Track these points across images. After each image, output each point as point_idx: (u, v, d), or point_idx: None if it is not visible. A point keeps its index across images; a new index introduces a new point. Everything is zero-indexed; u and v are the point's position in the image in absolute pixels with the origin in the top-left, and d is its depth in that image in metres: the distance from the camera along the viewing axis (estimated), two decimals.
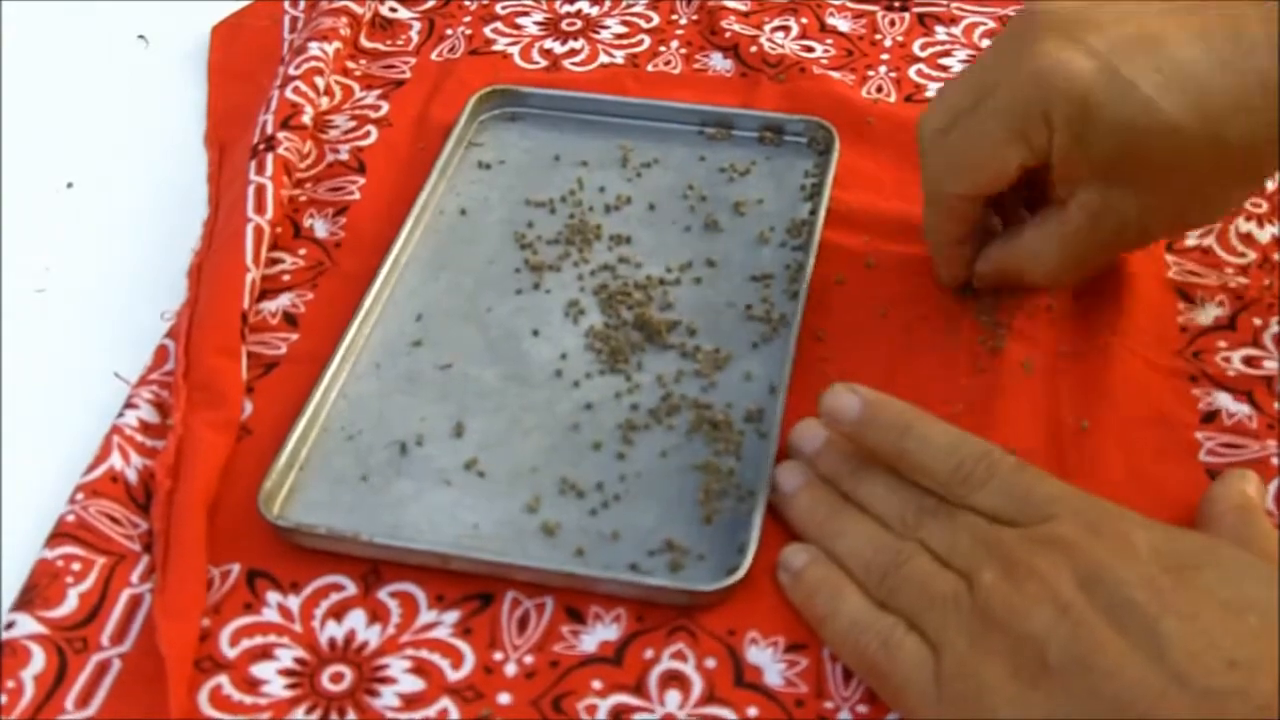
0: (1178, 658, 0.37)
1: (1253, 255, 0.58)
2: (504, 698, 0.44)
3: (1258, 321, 0.55)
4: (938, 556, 0.44)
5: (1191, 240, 0.58)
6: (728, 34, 0.69)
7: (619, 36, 0.71)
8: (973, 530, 0.43)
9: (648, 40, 0.71)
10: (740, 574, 0.46)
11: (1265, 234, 0.58)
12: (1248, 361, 0.54)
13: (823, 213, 0.59)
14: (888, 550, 0.45)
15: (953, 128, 0.50)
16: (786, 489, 0.48)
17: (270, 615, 0.47)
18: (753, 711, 0.44)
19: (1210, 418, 0.52)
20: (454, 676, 0.45)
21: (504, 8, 0.73)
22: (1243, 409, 0.52)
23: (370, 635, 0.46)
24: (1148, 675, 0.37)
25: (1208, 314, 0.55)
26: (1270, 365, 0.53)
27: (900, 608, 0.43)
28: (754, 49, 0.68)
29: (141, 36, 0.73)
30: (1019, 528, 0.42)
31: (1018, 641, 0.40)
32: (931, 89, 0.67)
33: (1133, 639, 0.38)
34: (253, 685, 0.45)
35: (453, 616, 0.47)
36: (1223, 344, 0.54)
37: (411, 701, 0.44)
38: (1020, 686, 0.39)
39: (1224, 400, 0.52)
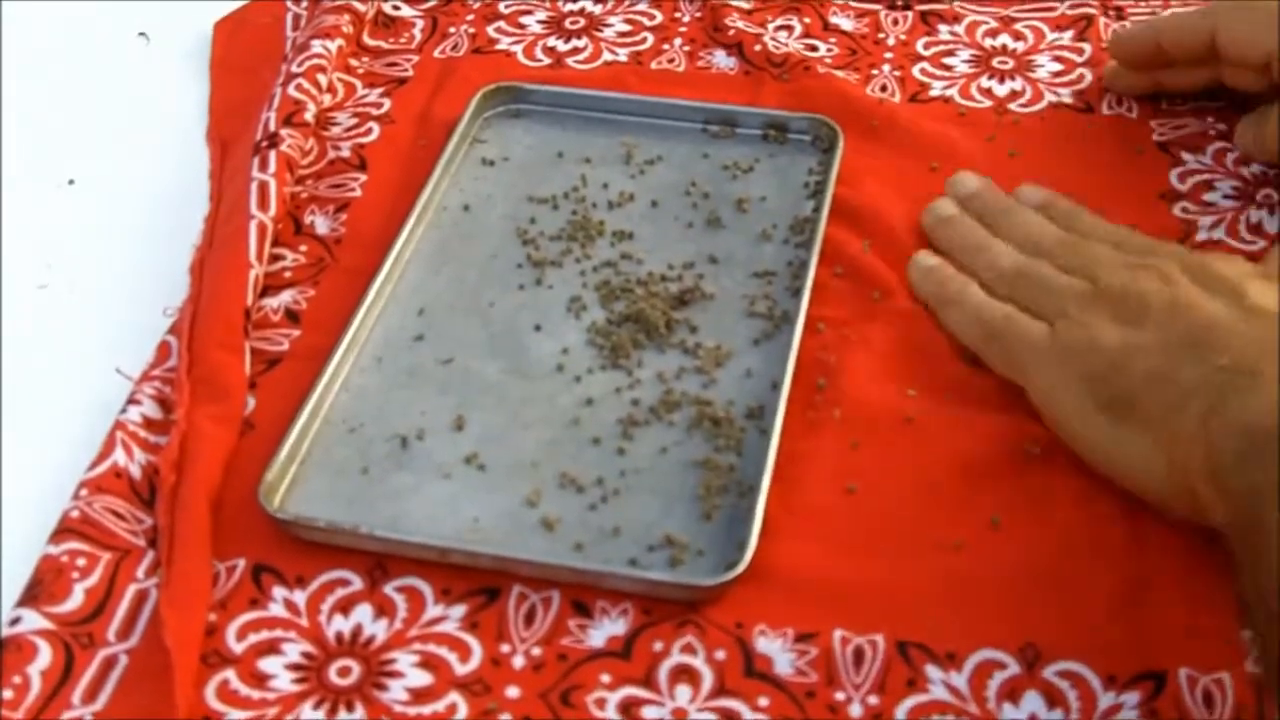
0: (1255, 301, 0.47)
1: (1262, 244, 0.58)
2: (512, 691, 0.44)
3: None
4: (1063, 269, 0.53)
5: (1202, 233, 0.58)
6: (731, 31, 0.69)
7: (622, 35, 0.71)
8: (1104, 253, 0.52)
9: (651, 38, 0.71)
10: (740, 569, 0.46)
11: (1274, 223, 0.58)
12: None
13: (826, 210, 0.59)
14: (1019, 262, 0.54)
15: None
16: (942, 214, 0.58)
17: (277, 610, 0.47)
18: (764, 702, 0.44)
19: None
20: (462, 670, 0.45)
21: (507, 6, 0.73)
22: None
23: (377, 629, 0.46)
24: (1229, 312, 0.47)
25: None
26: None
27: (1021, 300, 0.52)
28: (758, 47, 0.68)
29: (142, 34, 0.73)
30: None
31: (1126, 299, 0.49)
32: (936, 88, 0.67)
33: (1221, 299, 0.47)
34: (260, 680, 0.45)
35: (459, 610, 0.47)
36: None
37: (419, 695, 0.44)
38: (1123, 327, 0.48)
39: None
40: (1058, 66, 0.68)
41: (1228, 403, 0.44)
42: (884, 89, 0.67)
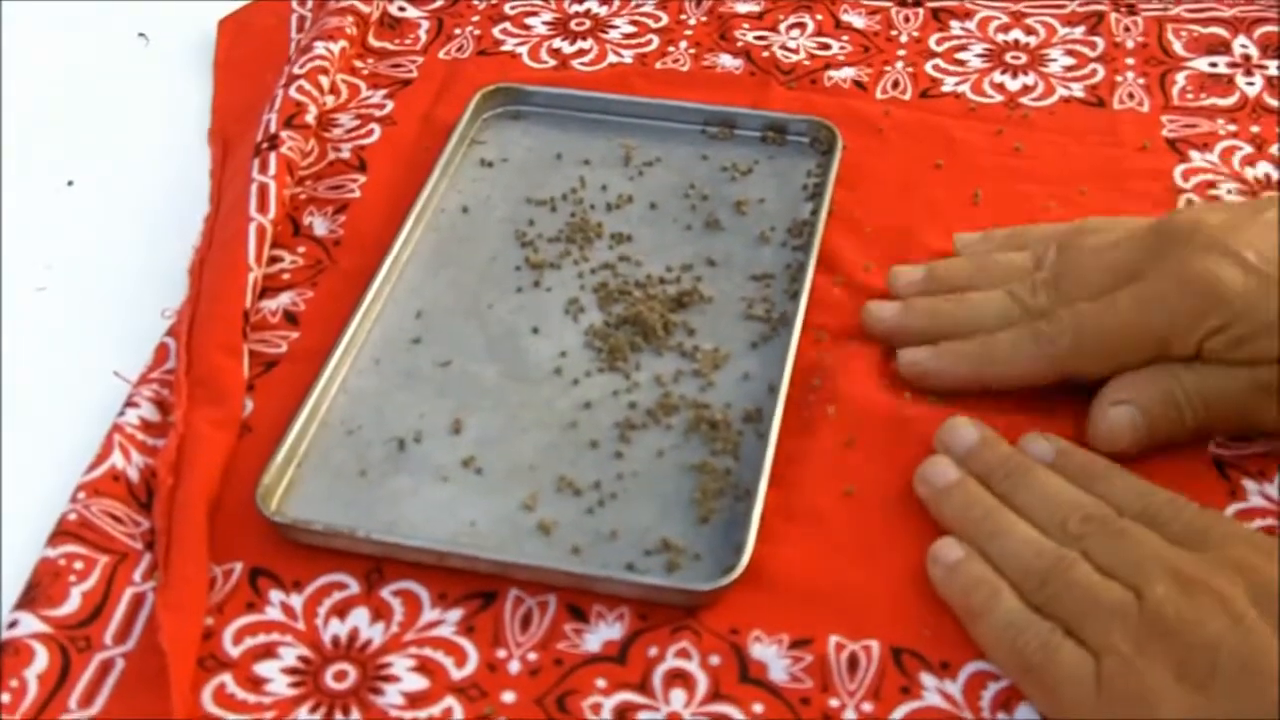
0: None
1: None
2: (508, 696, 0.44)
3: None
4: (1100, 568, 0.44)
5: None
6: (740, 44, 0.70)
7: (628, 36, 0.71)
8: (1146, 545, 0.44)
9: (656, 40, 0.71)
10: (736, 574, 0.46)
11: None
12: None
13: (824, 213, 0.59)
14: (1048, 556, 0.45)
15: (1081, 300, 0.50)
16: (939, 483, 0.48)
17: (273, 614, 0.47)
18: (758, 708, 0.44)
19: None
20: (458, 675, 0.45)
21: (513, 8, 0.73)
22: None
23: (373, 633, 0.46)
24: None
25: None
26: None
27: (1059, 614, 0.43)
28: (765, 54, 0.69)
29: (142, 35, 0.73)
30: (1195, 552, 0.43)
31: (1187, 648, 0.40)
32: (948, 83, 0.67)
33: None
34: (256, 684, 0.45)
35: (456, 615, 0.47)
36: None
37: (415, 700, 0.44)
38: (1186, 690, 0.40)
39: None
40: (1070, 61, 0.68)
41: None
42: (896, 85, 0.67)
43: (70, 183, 0.65)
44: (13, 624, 0.46)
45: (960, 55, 0.69)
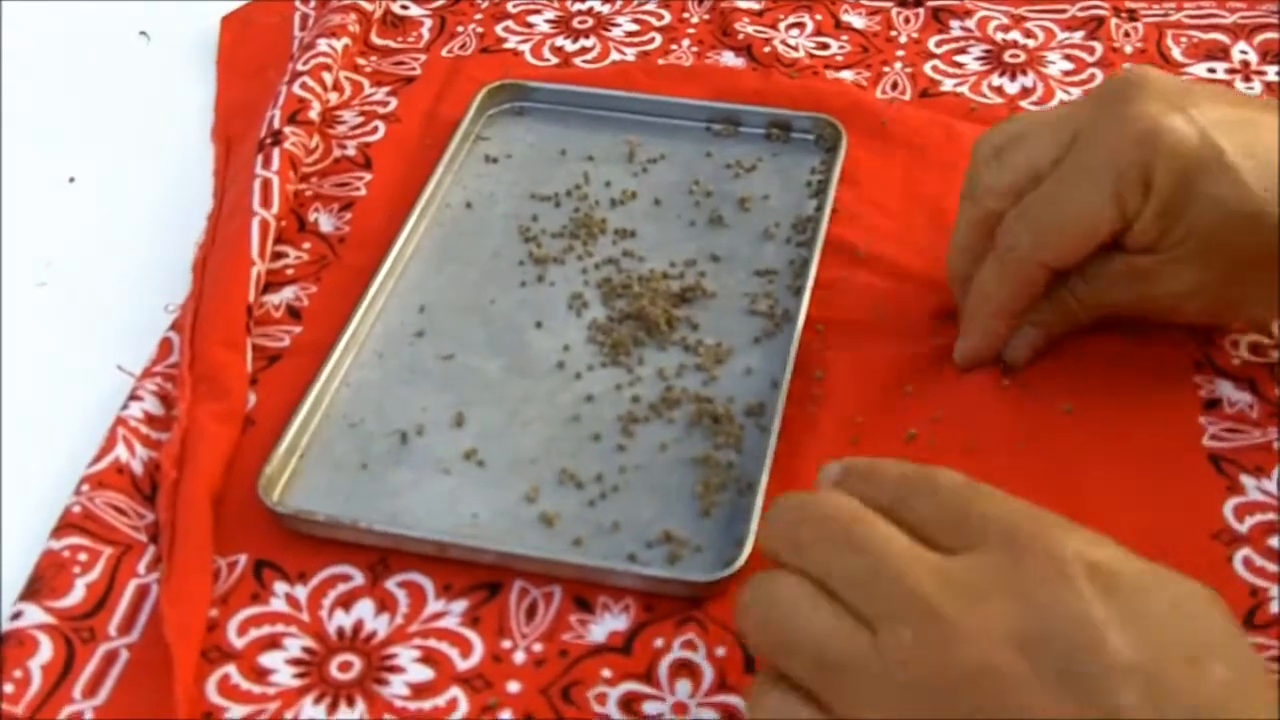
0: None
1: None
2: (513, 686, 0.44)
3: None
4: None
5: None
6: (740, 35, 0.70)
7: (630, 34, 0.71)
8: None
9: (659, 38, 0.71)
10: (738, 565, 0.46)
11: None
12: (1253, 349, 0.54)
13: (828, 209, 0.59)
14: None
15: (1033, 187, 0.48)
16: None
17: (278, 605, 0.47)
18: None
19: (1212, 405, 0.52)
20: (463, 665, 0.45)
21: (515, 6, 0.73)
22: (1244, 397, 0.52)
23: (378, 625, 0.46)
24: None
25: None
26: (1274, 354, 0.53)
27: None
28: (767, 49, 0.69)
29: (143, 33, 0.73)
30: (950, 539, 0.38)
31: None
32: (947, 85, 0.67)
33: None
34: (261, 675, 0.45)
35: (461, 606, 0.47)
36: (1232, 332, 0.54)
37: (420, 691, 0.44)
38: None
39: (1226, 389, 0.52)
40: (1069, 65, 0.68)
41: None
42: (895, 86, 0.67)
43: (71, 179, 0.65)
44: (16, 615, 0.46)
45: (959, 58, 0.69)
